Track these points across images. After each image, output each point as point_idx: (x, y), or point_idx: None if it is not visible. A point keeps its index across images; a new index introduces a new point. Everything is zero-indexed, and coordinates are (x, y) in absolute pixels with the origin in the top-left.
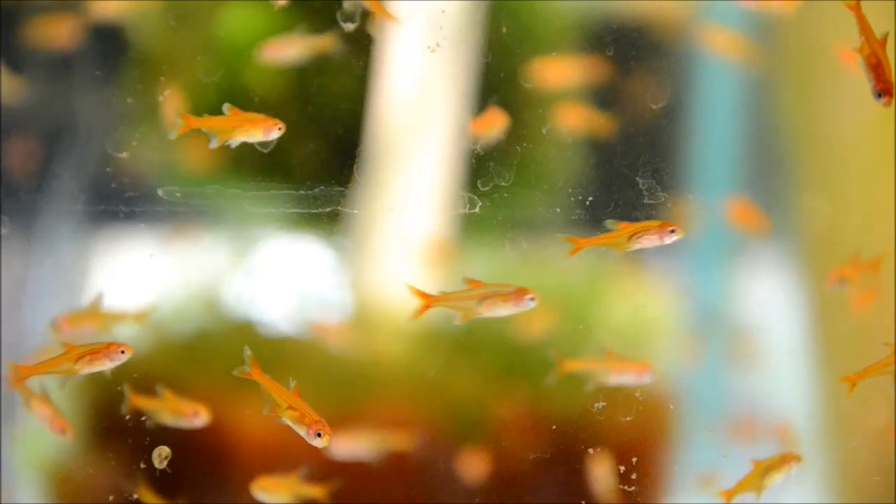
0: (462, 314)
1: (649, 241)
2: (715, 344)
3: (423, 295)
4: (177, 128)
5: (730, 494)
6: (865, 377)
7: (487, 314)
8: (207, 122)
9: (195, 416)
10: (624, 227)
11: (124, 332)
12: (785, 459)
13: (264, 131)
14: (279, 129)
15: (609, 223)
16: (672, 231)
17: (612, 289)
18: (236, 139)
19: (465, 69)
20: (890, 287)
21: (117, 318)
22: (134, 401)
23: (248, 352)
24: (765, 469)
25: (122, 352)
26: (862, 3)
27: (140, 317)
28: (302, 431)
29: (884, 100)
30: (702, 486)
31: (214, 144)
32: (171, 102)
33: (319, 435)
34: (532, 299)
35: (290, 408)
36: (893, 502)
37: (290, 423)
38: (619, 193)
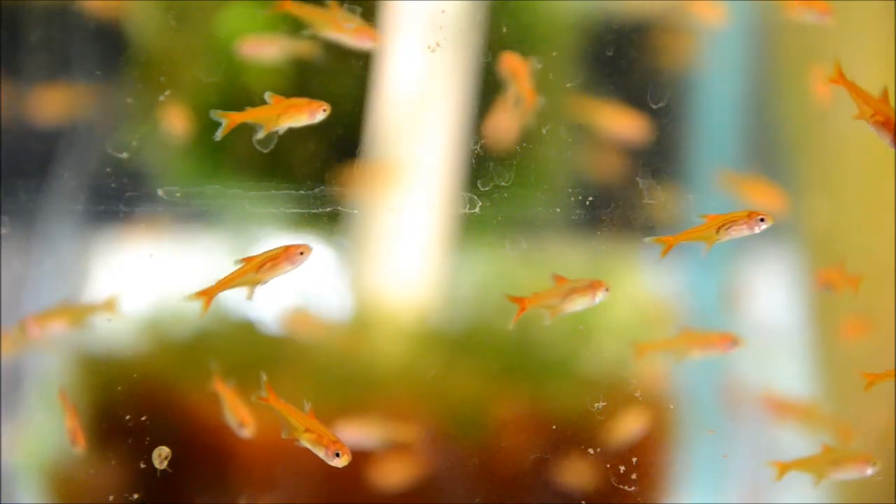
0: (550, 312)
1: (738, 232)
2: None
3: (518, 300)
4: (222, 127)
5: (785, 468)
6: (885, 380)
7: (569, 310)
8: (252, 115)
9: (241, 427)
10: (712, 220)
11: (99, 323)
12: (861, 458)
13: (309, 114)
14: (324, 110)
15: (699, 217)
16: (762, 220)
17: (612, 289)
18: (283, 125)
19: (465, 69)
20: (890, 287)
21: (86, 311)
22: (217, 384)
23: (264, 377)
24: (835, 458)
25: (302, 253)
26: (861, 3)
27: (109, 305)
28: (321, 453)
29: None
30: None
31: (261, 134)
32: (175, 110)
33: (338, 455)
34: (606, 290)
35: (307, 430)
36: (893, 502)
37: (308, 445)
38: (619, 193)
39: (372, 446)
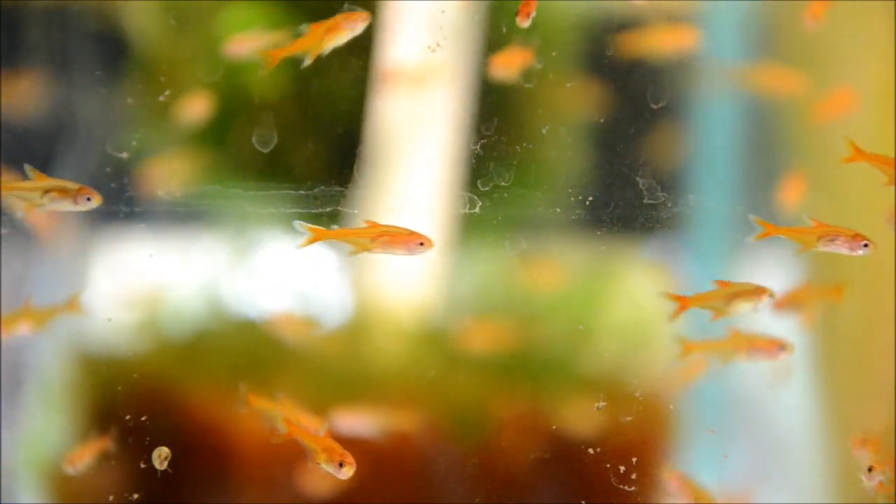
0: (714, 314)
1: (837, 248)
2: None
3: (678, 298)
4: (265, 65)
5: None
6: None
7: (732, 313)
8: (294, 48)
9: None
10: (817, 226)
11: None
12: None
13: (349, 29)
14: (364, 20)
15: (805, 218)
16: (865, 245)
17: (612, 289)
18: (326, 48)
19: (465, 69)
20: (890, 287)
21: (50, 312)
22: (252, 400)
23: (281, 414)
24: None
25: (422, 244)
26: (862, 3)
27: (72, 305)
28: (332, 469)
29: None
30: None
31: (309, 61)
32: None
33: (342, 465)
34: (770, 297)
35: (324, 450)
36: (893, 502)
37: (327, 468)
38: (619, 193)
39: (370, 434)
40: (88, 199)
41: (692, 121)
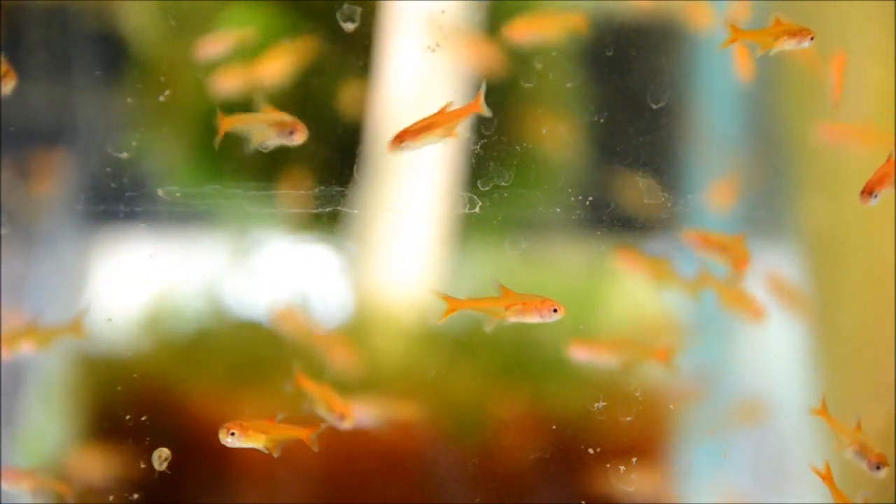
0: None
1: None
2: (714, 344)
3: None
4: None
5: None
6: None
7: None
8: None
9: (341, 419)
10: None
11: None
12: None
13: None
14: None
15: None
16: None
17: (612, 289)
18: None
19: (465, 69)
20: (890, 287)
21: (53, 333)
22: (300, 380)
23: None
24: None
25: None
26: (861, 3)
27: (76, 328)
28: (332, 420)
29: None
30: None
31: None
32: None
33: (343, 417)
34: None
35: (327, 403)
36: (893, 502)
37: (328, 417)
38: (619, 193)
39: (371, 424)
40: (291, 133)
41: (692, 121)
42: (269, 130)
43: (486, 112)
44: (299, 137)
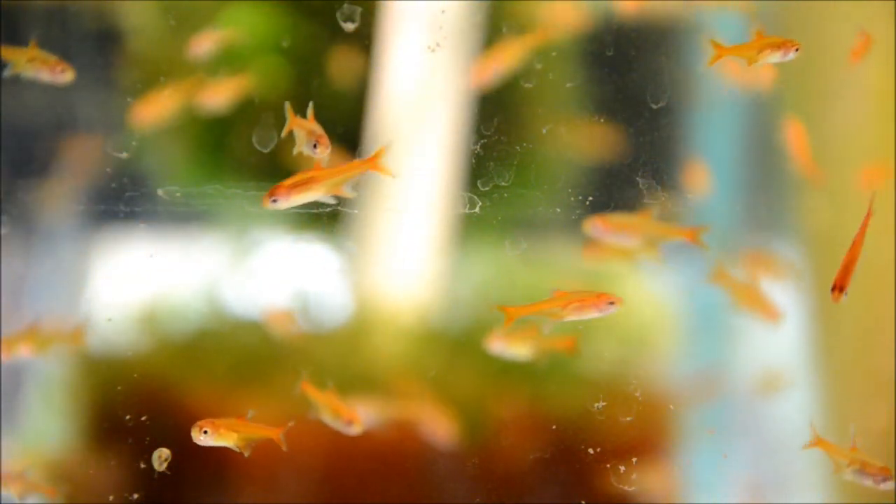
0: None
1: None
2: (714, 344)
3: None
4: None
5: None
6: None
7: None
8: None
9: (349, 425)
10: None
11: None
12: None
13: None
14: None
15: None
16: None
17: (611, 289)
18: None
19: (465, 69)
20: (890, 287)
21: (52, 338)
22: (305, 388)
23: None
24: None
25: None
26: (861, 3)
27: (76, 336)
28: (340, 426)
29: None
30: None
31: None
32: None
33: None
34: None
35: (333, 410)
36: (893, 502)
37: (335, 424)
38: (619, 193)
39: (372, 423)
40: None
41: (692, 121)
42: (307, 139)
43: (387, 172)
44: (321, 152)
